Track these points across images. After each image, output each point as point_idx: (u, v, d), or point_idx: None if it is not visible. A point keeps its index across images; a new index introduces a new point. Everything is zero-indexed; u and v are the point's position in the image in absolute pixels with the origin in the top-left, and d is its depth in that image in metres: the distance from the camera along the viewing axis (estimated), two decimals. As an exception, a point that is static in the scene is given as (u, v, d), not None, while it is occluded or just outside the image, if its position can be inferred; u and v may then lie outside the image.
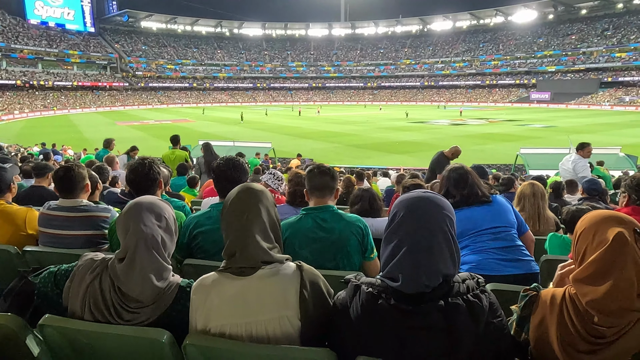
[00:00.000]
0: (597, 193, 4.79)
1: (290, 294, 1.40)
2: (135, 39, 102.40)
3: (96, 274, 1.52)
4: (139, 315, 1.49)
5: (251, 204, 1.49)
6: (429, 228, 1.27)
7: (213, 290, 1.43)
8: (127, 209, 1.56)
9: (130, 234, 1.50)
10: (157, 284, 1.48)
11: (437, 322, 1.22)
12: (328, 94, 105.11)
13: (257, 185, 1.58)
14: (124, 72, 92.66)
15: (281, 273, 1.43)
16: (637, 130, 34.01)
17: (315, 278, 1.48)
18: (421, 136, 32.18)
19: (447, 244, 1.28)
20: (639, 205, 2.47)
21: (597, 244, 1.25)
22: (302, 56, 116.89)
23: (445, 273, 1.27)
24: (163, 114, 61.47)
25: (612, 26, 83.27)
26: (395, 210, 1.33)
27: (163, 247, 1.53)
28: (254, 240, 1.43)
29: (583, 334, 1.24)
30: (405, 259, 1.25)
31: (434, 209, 1.30)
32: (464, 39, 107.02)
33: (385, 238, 1.34)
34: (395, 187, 6.58)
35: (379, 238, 2.95)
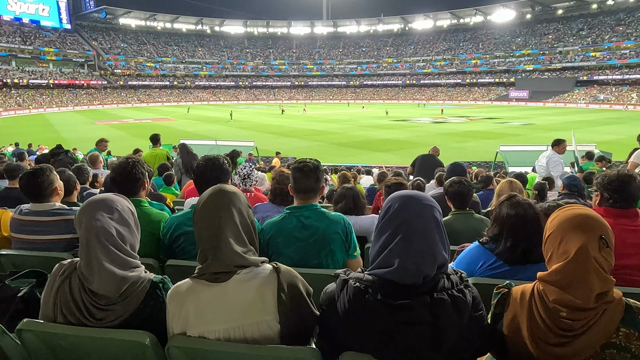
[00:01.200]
0: (576, 189, 4.90)
1: (268, 297, 1.39)
2: (113, 36, 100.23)
3: (65, 277, 1.52)
4: (110, 312, 1.48)
5: (222, 207, 1.45)
6: (422, 217, 1.33)
7: (188, 298, 1.41)
8: (81, 206, 1.56)
9: (82, 229, 1.49)
10: (118, 273, 1.46)
11: (422, 317, 1.26)
12: (311, 93, 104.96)
13: (229, 187, 1.54)
14: (102, 70, 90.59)
15: (257, 277, 1.41)
16: (611, 127, 35.03)
17: (293, 279, 1.47)
18: (403, 134, 32.44)
19: (438, 231, 1.33)
20: (612, 206, 2.40)
21: (561, 252, 1.29)
22: (285, 54, 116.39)
23: (439, 261, 1.31)
24: (143, 112, 60.39)
25: (587, 26, 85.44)
26: (390, 203, 1.38)
27: (121, 239, 1.51)
28: (227, 244, 1.40)
29: (552, 328, 1.29)
30: (402, 245, 1.29)
31: (422, 200, 1.36)
32: (445, 38, 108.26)
33: (380, 229, 1.37)
34: (377, 185, 6.62)
35: (363, 236, 3.00)
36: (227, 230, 1.42)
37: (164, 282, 1.60)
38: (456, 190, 3.18)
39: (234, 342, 1.38)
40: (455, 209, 3.22)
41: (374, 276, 1.32)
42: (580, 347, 1.25)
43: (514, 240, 1.99)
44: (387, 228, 1.34)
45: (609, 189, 2.39)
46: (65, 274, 1.53)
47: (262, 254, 1.64)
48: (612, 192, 2.38)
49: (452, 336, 1.28)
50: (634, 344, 1.23)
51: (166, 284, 1.61)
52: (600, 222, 1.30)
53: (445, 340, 1.28)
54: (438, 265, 1.31)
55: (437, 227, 1.34)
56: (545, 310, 1.30)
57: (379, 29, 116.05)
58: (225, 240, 1.40)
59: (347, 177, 5.63)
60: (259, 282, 1.40)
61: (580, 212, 1.33)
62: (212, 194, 1.49)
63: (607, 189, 2.40)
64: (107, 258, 1.46)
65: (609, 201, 2.40)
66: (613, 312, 1.26)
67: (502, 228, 2.05)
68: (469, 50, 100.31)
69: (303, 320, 1.46)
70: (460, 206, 3.21)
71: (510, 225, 2.01)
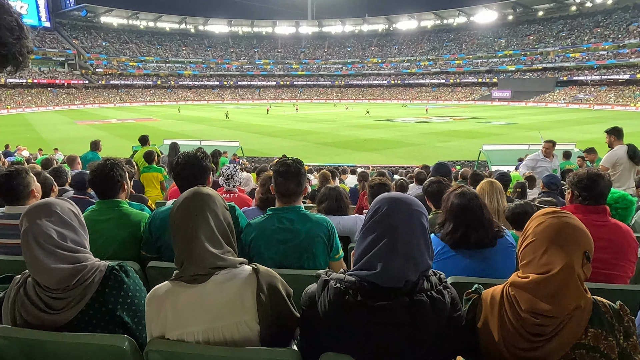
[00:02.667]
0: (555, 187, 5.01)
1: (247, 298, 1.38)
2: (94, 35, 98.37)
3: (20, 284, 1.54)
4: (68, 300, 1.49)
5: (197, 209, 1.45)
6: (409, 222, 1.32)
7: (167, 301, 1.40)
8: (23, 212, 1.59)
9: (22, 233, 1.52)
10: (64, 268, 1.47)
11: (401, 318, 1.27)
12: (296, 92, 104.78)
13: (205, 189, 1.53)
14: (83, 69, 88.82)
15: (236, 277, 1.41)
16: (590, 126, 35.83)
17: (272, 280, 1.47)
18: (388, 134, 32.65)
19: (424, 237, 1.34)
20: (582, 203, 2.47)
21: (543, 264, 1.27)
22: (270, 54, 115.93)
23: (422, 267, 1.32)
24: (126, 112, 59.44)
25: (567, 28, 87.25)
26: (378, 205, 1.38)
27: (62, 239, 1.52)
28: (201, 247, 1.39)
29: (523, 333, 1.29)
30: (386, 249, 1.29)
31: (412, 205, 1.36)
32: (429, 39, 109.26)
33: (365, 230, 1.37)
34: (359, 185, 6.62)
35: (346, 236, 3.01)
36: (201, 233, 1.41)
37: (122, 265, 1.62)
38: (435, 190, 3.22)
39: (214, 343, 1.38)
40: (435, 208, 3.25)
41: (355, 277, 1.33)
42: (550, 350, 1.27)
43: (454, 225, 2.19)
44: (373, 230, 1.34)
45: (579, 187, 2.48)
46: (20, 281, 1.55)
47: (243, 256, 1.63)
48: (582, 189, 2.47)
49: (431, 337, 1.30)
50: (603, 343, 1.25)
51: (124, 266, 1.62)
52: (586, 236, 1.29)
53: (423, 341, 1.29)
54: (420, 270, 1.32)
55: (422, 233, 1.34)
56: (516, 317, 1.30)
57: (364, 29, 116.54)
58: (199, 243, 1.39)
59: (327, 176, 5.64)
60: (238, 282, 1.40)
61: (568, 223, 1.31)
62: (187, 197, 1.49)
63: (578, 187, 2.49)
64: (49, 257, 1.47)
65: (579, 198, 2.49)
66: (582, 313, 1.27)
67: (445, 215, 2.26)
68: (452, 50, 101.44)
69: (283, 322, 1.46)
70: (439, 206, 3.22)
71: (454, 213, 2.21)
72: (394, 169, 15.80)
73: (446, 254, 2.19)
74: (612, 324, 1.27)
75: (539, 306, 1.25)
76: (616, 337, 1.26)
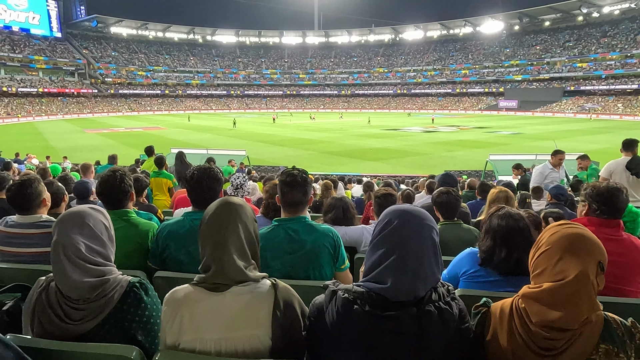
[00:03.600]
0: (563, 198, 4.97)
1: (263, 312, 1.39)
2: (104, 45, 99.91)
3: (43, 288, 1.55)
4: (86, 312, 1.49)
5: (229, 220, 1.46)
6: (419, 237, 1.32)
7: (184, 304, 1.41)
8: (56, 219, 1.60)
9: (52, 242, 1.53)
10: (87, 282, 1.48)
11: (409, 328, 1.26)
12: (302, 102, 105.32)
13: (236, 199, 1.54)
14: (92, 78, 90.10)
15: (255, 291, 1.42)
16: (598, 136, 35.61)
17: (289, 297, 1.47)
18: (394, 143, 32.64)
19: (434, 252, 1.33)
20: (598, 217, 2.43)
21: (557, 272, 1.26)
22: (276, 64, 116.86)
23: (432, 282, 1.32)
24: (134, 121, 60.06)
25: (573, 38, 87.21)
26: (387, 218, 1.37)
27: (90, 252, 1.53)
28: (230, 258, 1.40)
29: (533, 347, 1.28)
30: (397, 264, 1.29)
31: (423, 221, 1.35)
32: (435, 49, 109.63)
33: (375, 243, 1.37)
34: (365, 195, 6.59)
35: (352, 246, 3.00)
36: (231, 244, 1.42)
37: (142, 283, 1.62)
38: (444, 201, 3.19)
39: (225, 353, 1.38)
40: (443, 219, 3.23)
41: (364, 287, 1.33)
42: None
43: (508, 251, 1.99)
44: (383, 245, 1.33)
45: (598, 200, 2.43)
46: (43, 286, 1.56)
47: None
48: (601, 204, 2.42)
49: (438, 348, 1.29)
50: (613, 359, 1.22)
51: (144, 284, 1.62)
52: (600, 247, 1.28)
53: (430, 352, 1.29)
54: (430, 286, 1.32)
55: (433, 247, 1.33)
56: (525, 330, 1.29)
57: (370, 39, 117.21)
58: (228, 255, 1.41)
59: (328, 186, 5.65)
60: (256, 296, 1.41)
61: (582, 233, 1.30)
62: (219, 206, 1.49)
63: (597, 201, 2.44)
64: (75, 270, 1.48)
65: (597, 212, 2.44)
66: (593, 328, 1.25)
67: (494, 239, 2.04)
68: (458, 60, 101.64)
69: (295, 340, 1.46)
70: (448, 216, 3.21)
71: (504, 237, 2.01)
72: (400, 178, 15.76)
73: (488, 281, 2.05)
74: (624, 341, 1.25)
75: (550, 316, 1.23)
76: (627, 354, 1.23)
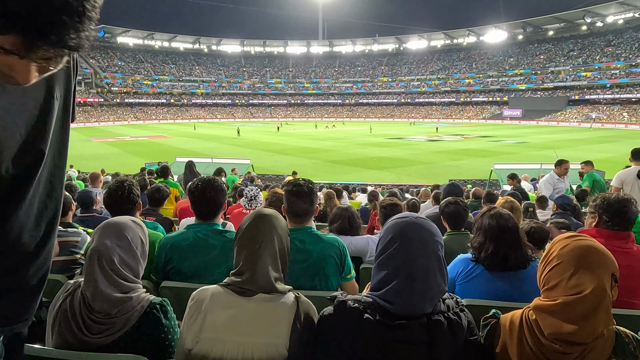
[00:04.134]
0: (569, 208, 4.94)
1: (284, 324, 1.41)
2: (111, 55, 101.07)
3: (69, 293, 1.56)
4: (106, 327, 1.50)
5: (265, 231, 1.51)
6: (424, 255, 1.31)
7: (210, 302, 1.44)
8: (98, 225, 1.62)
9: (89, 249, 1.55)
10: (114, 295, 1.50)
11: (419, 337, 1.27)
12: (306, 111, 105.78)
13: (270, 211, 1.59)
14: (99, 87, 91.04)
15: (279, 302, 1.45)
16: (604, 145, 35.46)
17: (310, 311, 1.50)
18: (398, 152, 32.65)
19: (439, 267, 1.33)
20: (608, 228, 2.42)
21: (573, 286, 1.24)
22: (281, 73, 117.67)
23: (439, 297, 1.33)
24: (139, 130, 60.51)
25: (577, 47, 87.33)
26: (390, 235, 1.36)
27: (122, 265, 1.54)
28: (264, 268, 1.45)
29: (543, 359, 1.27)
30: (403, 284, 1.29)
31: (428, 235, 1.34)
32: (439, 58, 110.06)
33: (380, 262, 1.36)
34: (369, 205, 6.55)
35: (358, 256, 3.00)
36: (266, 255, 1.48)
37: (163, 305, 1.62)
38: (452, 211, 3.18)
39: (242, 358, 1.40)
40: (450, 229, 3.23)
41: (373, 298, 1.34)
42: None
43: (495, 247, 2.14)
44: (389, 264, 1.33)
45: (609, 212, 2.43)
46: (70, 290, 1.57)
47: None
48: (611, 215, 2.42)
49: (447, 358, 1.30)
50: None
51: (164, 306, 1.63)
52: (612, 259, 1.28)
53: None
54: (437, 300, 1.33)
55: (438, 262, 1.33)
56: (536, 343, 1.27)
57: (374, 48, 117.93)
58: (263, 265, 1.46)
59: (331, 195, 5.66)
60: (279, 306, 1.44)
61: (594, 246, 1.30)
62: (257, 218, 1.55)
63: (607, 212, 2.44)
64: (105, 281, 1.50)
65: (607, 223, 2.44)
66: (605, 342, 1.24)
67: (485, 236, 2.19)
68: (462, 69, 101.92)
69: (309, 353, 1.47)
70: (455, 227, 3.20)
71: (493, 234, 2.16)
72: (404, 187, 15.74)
73: (478, 273, 2.16)
74: (636, 356, 1.24)
75: (564, 329, 1.21)
76: None
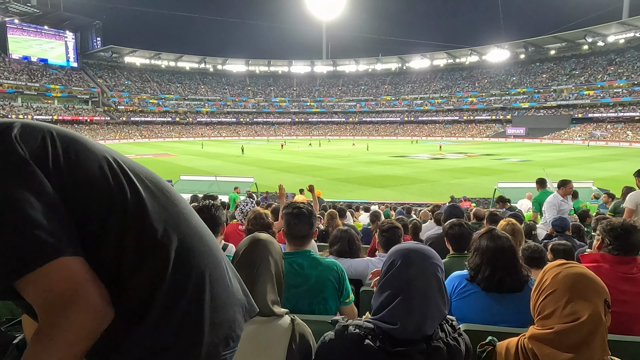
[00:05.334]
0: (561, 230, 4.88)
1: (280, 345, 1.43)
2: (118, 74, 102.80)
3: None
4: None
5: (262, 255, 1.54)
6: (424, 277, 1.34)
7: None
8: None
9: None
10: None
11: None
12: (310, 129, 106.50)
13: (265, 236, 1.62)
14: (105, 106, 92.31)
15: (275, 324, 1.47)
16: (608, 164, 35.34)
17: (305, 333, 1.52)
18: (402, 170, 32.68)
19: (439, 291, 1.36)
20: (611, 252, 2.41)
21: (568, 313, 1.26)
22: (285, 92, 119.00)
23: (439, 320, 1.35)
24: (145, 147, 61.05)
25: (579, 66, 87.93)
26: (392, 259, 1.41)
27: None
28: (262, 293, 1.47)
29: None
30: (404, 306, 1.32)
31: (427, 260, 1.38)
32: (442, 77, 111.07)
33: (383, 284, 1.40)
34: (371, 226, 6.52)
35: (358, 279, 3.00)
36: (265, 279, 1.50)
37: None
38: (457, 233, 3.14)
39: None
40: (454, 251, 3.20)
41: (374, 323, 1.36)
42: None
43: (491, 270, 2.12)
44: (389, 286, 1.37)
45: (611, 236, 2.43)
46: None
47: None
48: (614, 239, 2.41)
49: None
50: None
51: None
52: (603, 285, 1.29)
53: None
54: (437, 323, 1.36)
55: (437, 284, 1.36)
56: None
57: (377, 67, 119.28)
58: (261, 289, 1.48)
59: (333, 215, 5.69)
60: (274, 328, 1.46)
61: (585, 273, 1.31)
62: (252, 243, 1.57)
63: (610, 236, 2.44)
64: None
65: (609, 247, 2.44)
66: None
67: (482, 258, 2.18)
68: (465, 88, 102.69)
69: None
70: (459, 249, 3.18)
71: (489, 256, 2.15)
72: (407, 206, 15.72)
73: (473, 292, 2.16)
74: None
75: (561, 358, 1.22)
76: None
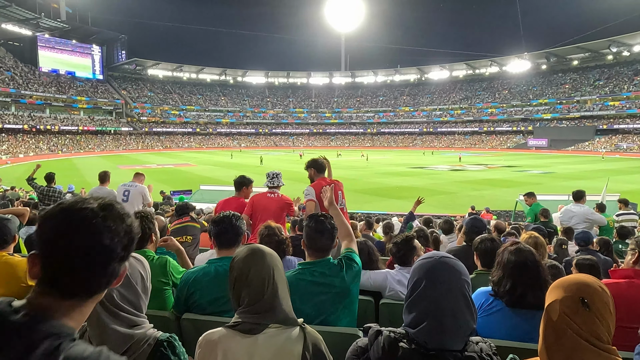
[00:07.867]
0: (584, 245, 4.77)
1: (294, 355, 1.43)
2: (141, 86, 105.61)
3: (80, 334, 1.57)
4: None
5: (273, 267, 1.55)
6: (451, 294, 1.34)
7: (219, 346, 1.45)
8: None
9: None
10: (122, 331, 1.49)
11: None
12: (328, 139, 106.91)
13: (266, 248, 1.64)
14: (129, 117, 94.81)
15: (286, 333, 1.47)
16: (634, 176, 34.25)
17: (317, 341, 1.52)
18: (420, 181, 32.38)
19: (467, 306, 1.35)
20: None
21: None
22: (304, 103, 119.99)
23: (468, 334, 1.35)
24: (166, 158, 62.20)
25: (604, 76, 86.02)
26: (417, 277, 1.39)
27: (122, 300, 1.54)
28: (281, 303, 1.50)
29: None
30: (433, 324, 1.31)
31: (454, 275, 1.36)
32: (461, 88, 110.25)
33: (410, 303, 1.39)
34: (384, 238, 6.38)
35: (377, 291, 2.97)
36: (280, 288, 1.53)
37: (170, 341, 1.56)
38: (487, 248, 3.03)
39: None
40: (482, 266, 3.10)
41: (407, 330, 1.37)
42: None
43: (512, 284, 2.09)
44: (417, 305, 1.36)
45: None
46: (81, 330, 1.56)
47: None
48: None
49: None
50: None
51: (172, 342, 1.58)
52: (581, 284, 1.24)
53: None
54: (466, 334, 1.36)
55: (465, 300, 1.35)
56: None
57: (396, 79, 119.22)
58: (284, 299, 1.51)
59: (354, 226, 5.63)
60: (287, 338, 1.46)
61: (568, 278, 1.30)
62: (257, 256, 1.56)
63: None
64: (109, 316, 1.51)
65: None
66: None
67: (503, 272, 2.15)
68: (485, 99, 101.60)
69: None
70: (488, 264, 3.06)
71: (511, 271, 2.11)
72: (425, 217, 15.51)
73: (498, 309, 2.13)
74: None
75: None
76: None
